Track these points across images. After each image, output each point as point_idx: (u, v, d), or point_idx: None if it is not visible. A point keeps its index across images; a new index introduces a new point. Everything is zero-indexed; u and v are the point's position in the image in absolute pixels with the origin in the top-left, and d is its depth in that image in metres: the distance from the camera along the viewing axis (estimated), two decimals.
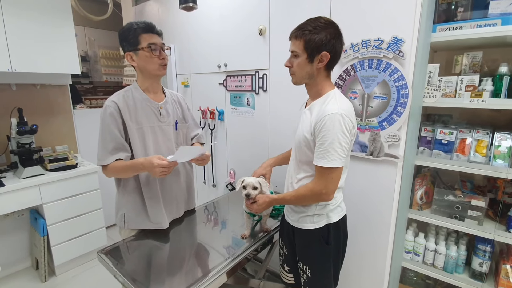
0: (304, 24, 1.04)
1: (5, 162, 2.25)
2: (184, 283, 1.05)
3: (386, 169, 1.42)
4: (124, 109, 1.25)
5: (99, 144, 1.25)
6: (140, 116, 1.29)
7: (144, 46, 1.23)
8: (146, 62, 1.25)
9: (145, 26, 1.23)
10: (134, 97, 1.29)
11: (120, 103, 1.25)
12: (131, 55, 1.26)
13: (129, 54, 1.26)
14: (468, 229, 1.34)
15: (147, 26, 1.24)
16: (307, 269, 1.20)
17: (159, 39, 1.28)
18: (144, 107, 1.30)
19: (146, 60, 1.25)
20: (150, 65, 1.26)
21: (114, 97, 1.27)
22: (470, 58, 1.38)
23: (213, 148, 2.35)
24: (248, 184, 1.23)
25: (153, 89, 1.35)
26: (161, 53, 1.27)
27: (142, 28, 1.23)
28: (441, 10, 1.37)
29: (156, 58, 1.25)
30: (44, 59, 2.11)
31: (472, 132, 1.35)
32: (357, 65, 1.43)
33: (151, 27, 1.25)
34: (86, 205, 2.30)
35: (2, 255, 2.21)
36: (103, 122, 1.24)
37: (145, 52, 1.23)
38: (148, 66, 1.26)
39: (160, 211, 1.37)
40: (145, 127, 1.30)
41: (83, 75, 3.51)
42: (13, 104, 2.16)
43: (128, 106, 1.27)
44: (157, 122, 1.34)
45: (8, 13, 1.91)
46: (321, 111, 1.03)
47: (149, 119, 1.32)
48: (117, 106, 1.24)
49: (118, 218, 1.38)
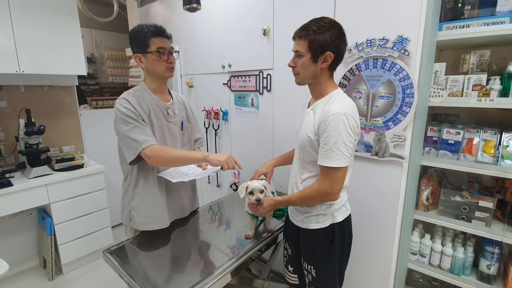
0: (308, 24, 1.04)
1: (14, 162, 2.29)
2: (188, 282, 1.06)
3: (392, 169, 1.41)
4: (137, 106, 1.27)
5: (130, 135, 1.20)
6: (150, 115, 1.31)
7: (153, 50, 1.26)
8: (154, 65, 1.29)
9: (155, 30, 1.26)
10: (143, 96, 1.32)
11: (133, 101, 1.27)
12: (140, 57, 1.29)
13: (138, 56, 1.29)
14: (475, 230, 1.32)
15: (157, 30, 1.26)
16: (312, 269, 1.19)
17: (168, 43, 1.30)
18: (154, 107, 1.33)
19: (154, 63, 1.28)
20: (157, 68, 1.29)
21: (124, 95, 1.29)
22: (477, 56, 1.36)
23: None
24: (254, 188, 1.21)
25: (160, 90, 1.38)
26: (169, 57, 1.30)
27: (152, 32, 1.25)
28: (447, 8, 1.35)
29: (164, 62, 1.29)
30: (51, 61, 2.14)
31: (480, 132, 1.33)
32: (361, 65, 1.42)
33: (161, 31, 1.28)
34: (93, 204, 2.33)
35: (11, 254, 2.25)
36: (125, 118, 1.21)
37: (154, 56, 1.26)
38: (156, 69, 1.30)
39: (163, 211, 1.38)
40: (155, 126, 1.33)
41: (90, 76, 3.55)
42: (21, 105, 2.19)
43: (140, 104, 1.29)
44: (165, 122, 1.37)
45: (16, 16, 1.94)
46: (325, 111, 1.03)
47: (158, 119, 1.34)
48: (129, 103, 1.26)
49: (124, 217, 1.39)
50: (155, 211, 1.36)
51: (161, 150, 1.23)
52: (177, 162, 1.30)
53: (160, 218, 1.38)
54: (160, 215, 1.38)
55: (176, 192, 1.44)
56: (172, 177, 1.31)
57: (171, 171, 1.38)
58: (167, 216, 1.40)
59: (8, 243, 2.25)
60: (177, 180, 1.30)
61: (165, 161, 1.26)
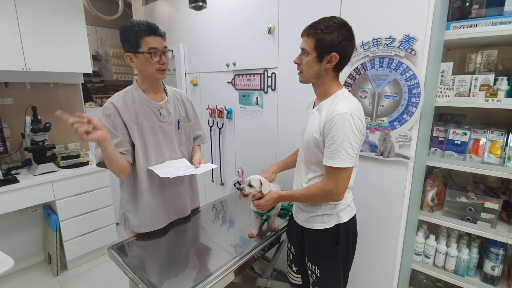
0: (317, 23, 1.03)
1: (20, 159, 2.32)
2: (192, 280, 1.06)
3: (397, 169, 1.40)
4: (124, 110, 1.23)
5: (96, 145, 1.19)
6: (140, 117, 1.26)
7: (145, 50, 1.18)
8: (145, 66, 1.21)
9: (147, 29, 1.17)
10: (133, 97, 1.27)
11: (119, 104, 1.23)
12: (131, 56, 1.21)
13: (128, 55, 1.21)
14: (480, 231, 1.31)
15: (149, 29, 1.17)
16: (316, 269, 1.19)
17: (161, 42, 1.21)
18: (144, 108, 1.27)
19: (144, 63, 1.20)
20: (148, 69, 1.21)
21: (113, 98, 1.25)
22: (485, 56, 1.34)
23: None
24: (247, 180, 1.23)
25: (153, 90, 1.31)
26: (161, 58, 1.21)
27: (144, 30, 1.16)
28: (455, 7, 1.34)
29: (156, 63, 1.20)
30: (57, 59, 2.16)
31: (486, 133, 1.31)
32: (367, 64, 1.41)
33: (153, 29, 1.18)
34: (97, 201, 2.35)
35: (16, 250, 2.28)
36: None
37: (145, 56, 1.18)
38: (146, 70, 1.22)
39: (159, 214, 1.37)
40: (145, 128, 1.28)
41: (95, 74, 3.56)
42: (27, 102, 2.22)
43: (128, 107, 1.24)
44: (158, 123, 1.32)
45: (22, 14, 1.96)
46: (330, 111, 1.02)
47: (149, 120, 1.29)
48: (114, 107, 1.22)
49: (119, 217, 1.39)
50: (149, 215, 1.34)
51: None
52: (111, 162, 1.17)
53: (155, 220, 1.36)
54: (154, 218, 1.36)
55: (173, 192, 1.41)
56: (161, 172, 1.24)
57: (164, 165, 1.32)
58: (164, 217, 1.39)
59: (14, 239, 2.28)
60: (164, 175, 1.23)
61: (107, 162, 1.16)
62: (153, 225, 1.37)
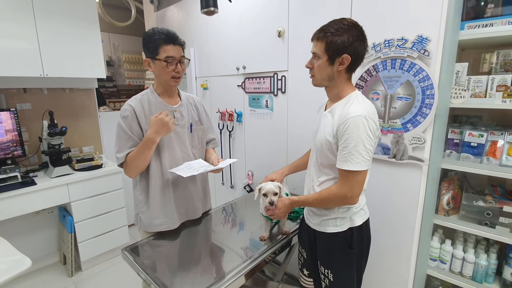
0: (327, 26, 1.02)
1: (37, 162, 2.39)
2: (203, 283, 1.07)
3: (410, 172, 1.37)
4: (140, 113, 1.29)
5: (116, 144, 1.28)
6: None
7: (162, 58, 1.23)
8: (161, 72, 1.27)
9: (166, 38, 1.22)
10: (149, 100, 1.33)
11: (137, 107, 1.28)
12: (149, 62, 1.28)
13: (147, 60, 1.28)
14: (499, 236, 1.27)
15: (168, 38, 1.23)
16: (329, 273, 1.18)
17: (179, 51, 1.27)
18: (159, 110, 1.31)
19: (160, 70, 1.26)
20: (163, 75, 1.28)
21: (131, 101, 1.31)
22: (501, 56, 1.31)
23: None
24: (268, 191, 1.21)
25: (167, 94, 1.37)
26: (176, 67, 1.27)
27: (163, 39, 1.22)
28: (469, 6, 1.31)
29: (171, 71, 1.26)
30: (73, 64, 2.22)
31: (504, 134, 1.28)
32: (379, 65, 1.39)
33: (172, 38, 1.24)
34: (110, 204, 2.39)
35: (33, 250, 2.34)
36: (119, 125, 1.28)
37: (162, 63, 1.24)
38: (161, 76, 1.29)
39: (171, 215, 1.39)
40: None
41: (108, 79, 3.66)
42: (44, 107, 2.29)
43: (144, 110, 1.30)
44: None
45: (41, 22, 2.03)
46: (344, 113, 1.01)
47: None
48: (133, 110, 1.28)
49: (134, 218, 1.43)
50: (160, 214, 1.37)
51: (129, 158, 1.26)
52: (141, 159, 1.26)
53: (166, 220, 1.39)
54: (165, 217, 1.38)
55: (185, 194, 1.43)
56: (184, 173, 1.28)
57: (183, 167, 1.35)
58: (174, 217, 1.40)
59: (31, 240, 2.34)
60: (187, 175, 1.27)
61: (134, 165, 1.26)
62: (164, 224, 1.39)
